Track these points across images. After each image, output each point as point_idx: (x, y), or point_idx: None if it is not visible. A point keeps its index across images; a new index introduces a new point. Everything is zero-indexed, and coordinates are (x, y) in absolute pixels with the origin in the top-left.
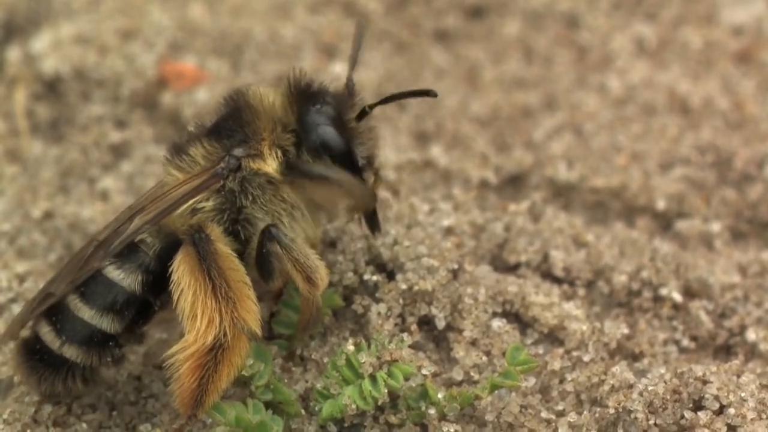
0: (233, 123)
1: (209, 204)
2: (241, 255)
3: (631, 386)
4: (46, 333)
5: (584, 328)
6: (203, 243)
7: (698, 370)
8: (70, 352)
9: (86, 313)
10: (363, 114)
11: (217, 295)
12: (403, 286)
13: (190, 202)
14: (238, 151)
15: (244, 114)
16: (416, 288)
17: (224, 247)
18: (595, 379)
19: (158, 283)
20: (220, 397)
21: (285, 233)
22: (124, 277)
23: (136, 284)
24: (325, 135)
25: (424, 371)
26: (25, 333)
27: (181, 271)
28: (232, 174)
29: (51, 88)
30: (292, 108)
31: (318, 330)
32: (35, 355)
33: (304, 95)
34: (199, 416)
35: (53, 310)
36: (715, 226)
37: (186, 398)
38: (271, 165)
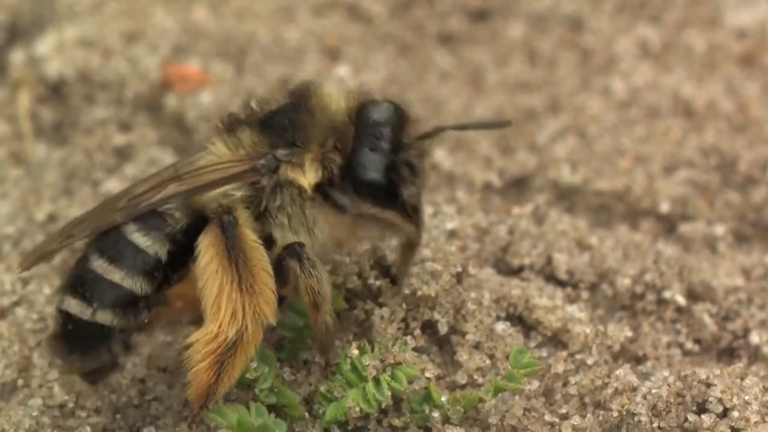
0: (288, 120)
1: (239, 193)
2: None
3: (634, 389)
4: (75, 305)
5: (588, 331)
6: (231, 228)
7: (702, 373)
8: (105, 317)
9: (116, 275)
10: (420, 149)
11: (242, 288)
12: (407, 291)
13: (224, 188)
14: (281, 154)
15: (302, 115)
16: (419, 293)
17: (250, 234)
18: (599, 382)
19: (182, 254)
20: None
21: (309, 256)
22: (150, 245)
23: (163, 253)
24: (371, 177)
25: (427, 374)
26: (51, 326)
27: (209, 257)
28: (269, 174)
29: (55, 91)
30: (352, 125)
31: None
32: (68, 336)
33: (367, 116)
34: (210, 407)
35: (77, 281)
36: (719, 229)
37: (201, 391)
38: (308, 179)
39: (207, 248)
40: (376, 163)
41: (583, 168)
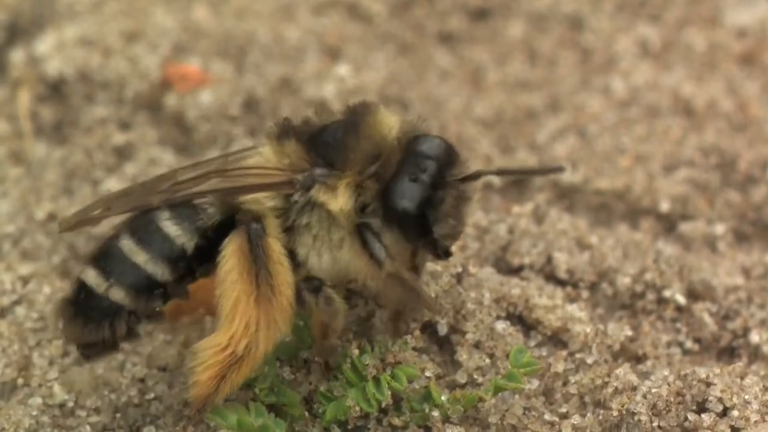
0: (333, 140)
1: (271, 203)
2: None
3: (634, 388)
4: (92, 277)
5: (588, 330)
6: (257, 238)
7: (702, 372)
8: (117, 295)
9: (141, 257)
10: (463, 191)
11: (259, 302)
12: None
13: (259, 194)
14: (318, 173)
15: (348, 138)
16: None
17: (277, 245)
18: (599, 381)
19: (209, 250)
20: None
21: (327, 293)
22: (179, 235)
23: (190, 246)
24: (403, 206)
25: (427, 373)
26: (66, 290)
27: (231, 265)
28: (303, 191)
29: (55, 90)
30: (398, 154)
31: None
32: (77, 302)
33: (414, 147)
34: (209, 411)
35: (101, 255)
36: (719, 228)
37: (201, 397)
38: (339, 203)
39: (231, 255)
40: (411, 192)
41: (583, 167)
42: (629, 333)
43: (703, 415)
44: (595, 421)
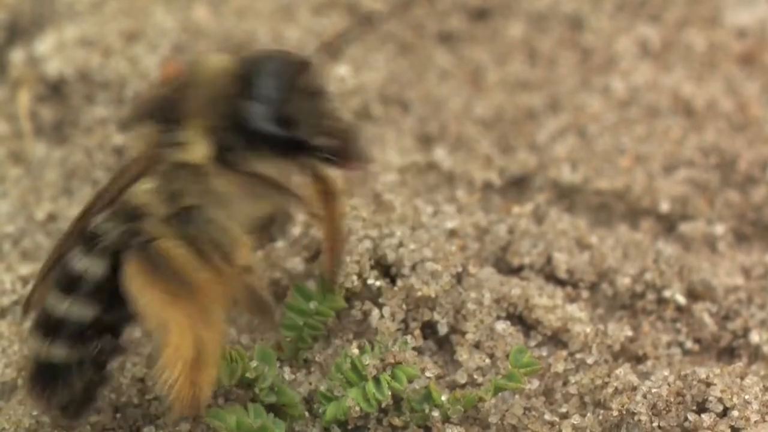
0: (169, 103)
1: (148, 185)
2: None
3: (634, 388)
4: (34, 344)
5: (588, 330)
6: (149, 249)
7: (702, 372)
8: (60, 352)
9: (64, 305)
10: (306, 84)
11: (179, 302)
12: (407, 292)
13: (134, 186)
14: (167, 137)
15: (179, 91)
16: (419, 294)
17: (168, 243)
18: (599, 382)
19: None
20: (214, 384)
21: (199, 217)
22: (91, 265)
23: (102, 272)
24: (262, 127)
25: (427, 374)
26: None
27: (136, 287)
28: (163, 159)
29: (55, 90)
30: (236, 86)
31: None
32: (34, 376)
33: (250, 71)
34: (203, 412)
35: (36, 320)
36: (719, 229)
37: (188, 405)
38: (198, 153)
39: (132, 279)
40: (264, 112)
41: (583, 167)
42: (629, 333)
43: (703, 416)
44: (595, 421)
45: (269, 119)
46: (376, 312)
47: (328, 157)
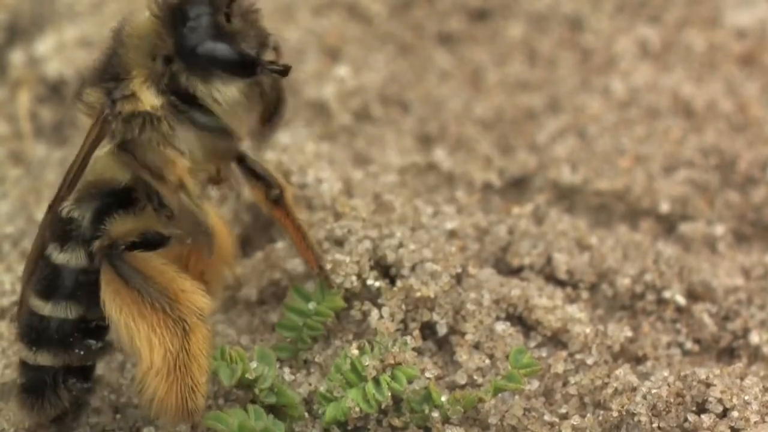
0: (108, 61)
1: (105, 149)
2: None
3: (634, 389)
4: (22, 351)
5: (588, 330)
6: (118, 260)
7: (701, 373)
8: (45, 359)
9: (47, 309)
10: (234, 9)
11: (145, 313)
12: (406, 293)
13: (93, 156)
14: (115, 94)
15: (119, 51)
16: (419, 294)
17: (139, 254)
18: (599, 382)
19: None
20: (206, 391)
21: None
22: (69, 258)
23: (81, 263)
24: (205, 52)
25: (427, 374)
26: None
27: (108, 302)
28: (116, 117)
29: (54, 90)
30: (167, 29)
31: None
32: (26, 388)
33: (173, 14)
34: (197, 420)
35: (20, 329)
36: (719, 229)
37: (176, 417)
38: (146, 101)
39: (104, 289)
40: (197, 35)
41: (583, 168)
42: (629, 334)
43: (702, 416)
44: (595, 421)
45: (215, 38)
46: (375, 312)
47: (280, 70)
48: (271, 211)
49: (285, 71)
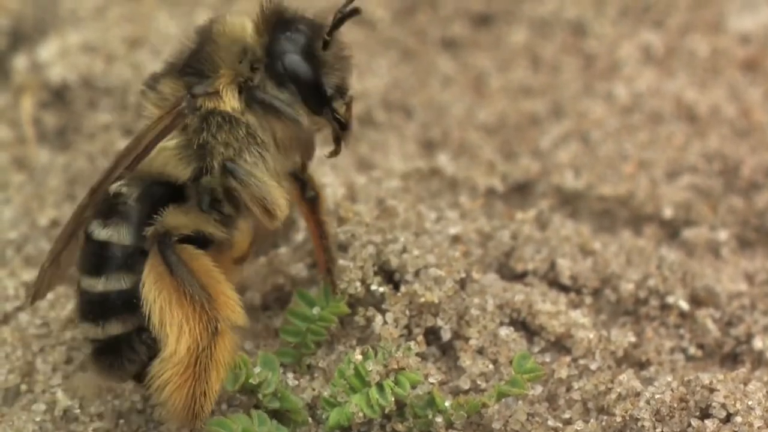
0: (195, 57)
1: (172, 142)
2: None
3: (638, 394)
4: (89, 330)
5: (591, 336)
6: (168, 249)
7: (705, 378)
8: (114, 329)
9: (100, 285)
10: (331, 42)
11: (183, 302)
12: (410, 298)
13: (160, 144)
14: (197, 89)
15: (207, 48)
16: (422, 300)
17: (190, 248)
18: (602, 387)
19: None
20: (215, 400)
21: (241, 167)
22: (112, 234)
23: (128, 238)
24: (290, 64)
25: (431, 379)
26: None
27: (148, 285)
28: (193, 113)
29: (58, 96)
30: (261, 36)
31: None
32: (100, 353)
33: (274, 23)
34: (198, 426)
35: (79, 306)
36: (722, 235)
37: (181, 415)
38: (228, 102)
39: (146, 277)
40: (289, 45)
41: (587, 173)
42: (632, 339)
43: (706, 421)
44: (599, 427)
45: (305, 57)
46: (379, 318)
47: (342, 123)
48: (303, 208)
49: (345, 126)
